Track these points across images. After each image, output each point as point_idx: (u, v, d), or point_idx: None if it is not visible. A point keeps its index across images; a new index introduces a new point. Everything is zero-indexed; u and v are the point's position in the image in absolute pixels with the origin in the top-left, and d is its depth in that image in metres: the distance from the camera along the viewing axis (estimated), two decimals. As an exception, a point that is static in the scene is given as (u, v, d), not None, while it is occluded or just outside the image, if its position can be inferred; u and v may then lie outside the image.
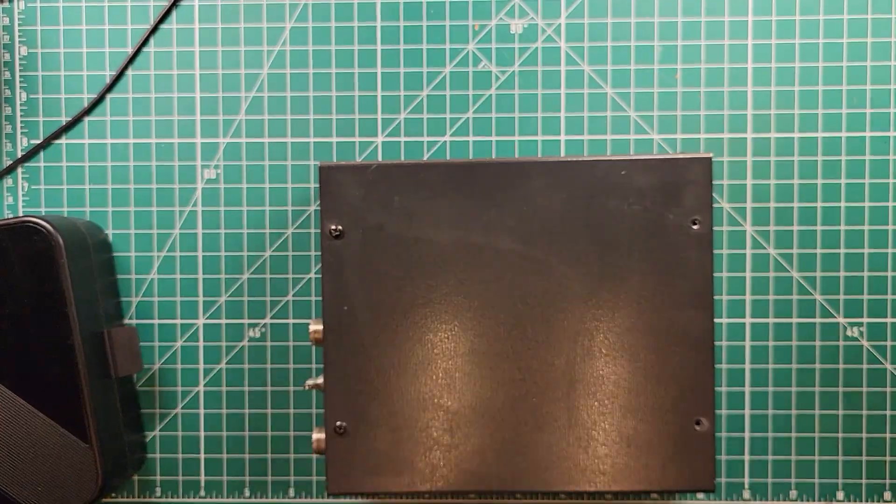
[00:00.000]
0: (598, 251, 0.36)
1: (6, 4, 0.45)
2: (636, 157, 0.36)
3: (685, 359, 0.36)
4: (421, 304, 0.36)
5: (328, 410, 0.37)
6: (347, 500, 0.45)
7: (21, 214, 0.44)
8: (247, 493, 0.45)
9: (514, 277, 0.36)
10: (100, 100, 0.45)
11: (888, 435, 0.43)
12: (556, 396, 0.36)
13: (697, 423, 0.36)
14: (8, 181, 0.45)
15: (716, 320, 0.43)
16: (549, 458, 0.36)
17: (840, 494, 0.44)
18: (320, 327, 0.37)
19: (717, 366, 0.42)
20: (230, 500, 0.45)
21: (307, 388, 0.38)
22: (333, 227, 0.36)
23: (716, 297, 0.43)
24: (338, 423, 0.36)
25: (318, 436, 0.37)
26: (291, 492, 0.45)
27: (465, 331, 0.36)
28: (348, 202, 0.36)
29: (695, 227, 0.36)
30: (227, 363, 0.45)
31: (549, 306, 0.36)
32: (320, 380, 0.37)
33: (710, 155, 0.36)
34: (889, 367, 0.43)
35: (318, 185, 0.44)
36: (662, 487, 0.36)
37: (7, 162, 0.45)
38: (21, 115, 0.45)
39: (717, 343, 0.43)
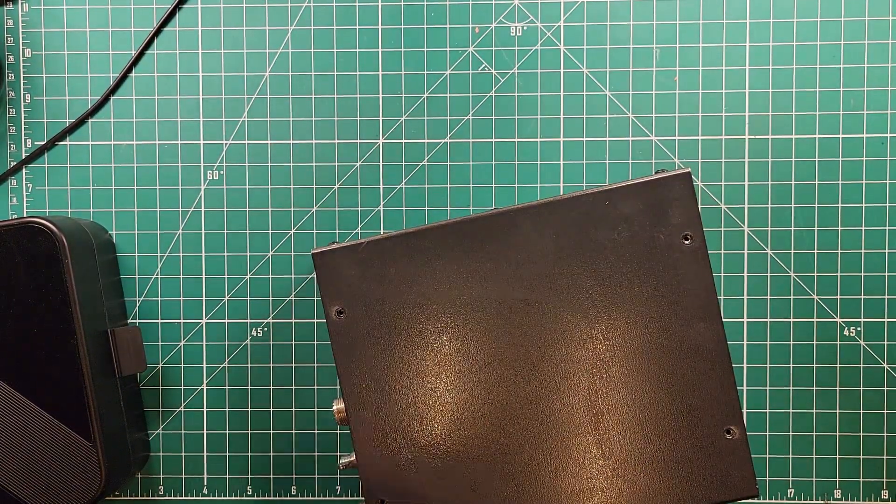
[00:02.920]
0: (597, 284, 0.36)
1: (10, 7, 0.45)
2: (616, 186, 0.36)
3: (703, 371, 0.36)
4: (436, 368, 0.37)
5: (367, 490, 0.36)
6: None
7: (25, 215, 0.44)
8: (249, 490, 0.45)
9: (520, 324, 0.36)
10: (104, 102, 0.45)
11: (885, 434, 0.44)
12: (584, 432, 0.36)
13: (728, 432, 0.36)
14: (12, 182, 0.45)
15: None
16: (588, 492, 0.36)
17: (837, 493, 0.44)
18: (343, 405, 0.37)
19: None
20: (233, 498, 0.45)
21: (342, 468, 0.38)
22: (337, 308, 0.37)
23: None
24: (380, 499, 0.36)
25: (338, 406, 0.37)
26: (294, 490, 0.45)
27: (485, 385, 0.36)
28: (346, 283, 0.37)
29: (687, 242, 0.36)
30: (229, 362, 0.45)
31: (560, 346, 0.36)
32: (353, 457, 0.37)
33: (689, 170, 0.36)
34: (886, 366, 0.44)
35: (319, 187, 0.45)
36: (710, 501, 0.36)
37: (11, 163, 0.45)
38: (25, 117, 0.45)
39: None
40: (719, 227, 0.44)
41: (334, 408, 0.38)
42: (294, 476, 0.45)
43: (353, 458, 0.37)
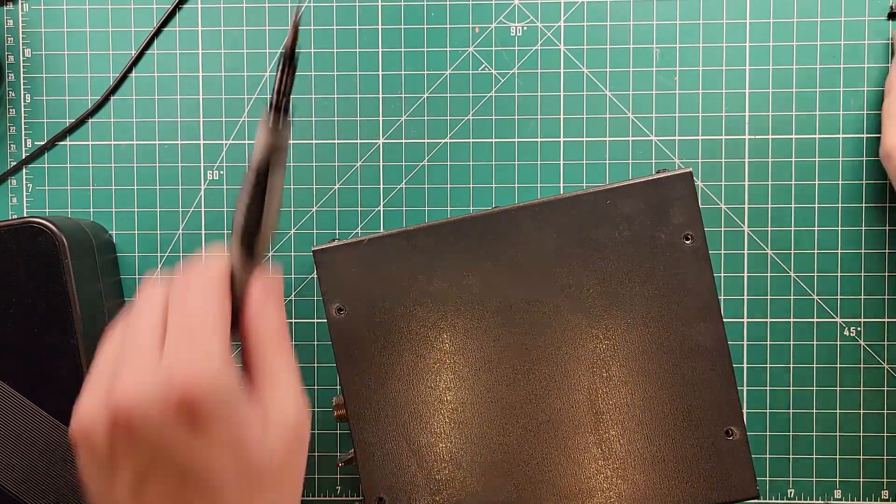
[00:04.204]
0: (598, 283, 0.36)
1: (10, 7, 0.45)
2: (618, 185, 0.36)
3: (703, 371, 0.36)
4: (436, 366, 0.37)
5: (366, 485, 0.36)
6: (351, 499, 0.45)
7: (25, 215, 0.44)
8: (249, 491, 0.45)
9: (520, 322, 0.36)
10: (104, 102, 0.45)
11: (885, 434, 0.44)
12: (584, 432, 0.36)
13: (728, 432, 0.36)
14: (12, 182, 0.45)
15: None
16: (588, 492, 0.36)
17: (837, 493, 0.44)
18: (343, 404, 0.37)
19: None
20: (233, 498, 0.45)
21: (341, 465, 0.38)
22: (337, 306, 0.37)
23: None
24: (378, 496, 0.36)
25: (339, 404, 0.37)
26: (293, 490, 0.45)
27: (485, 384, 0.36)
28: (347, 280, 0.36)
29: (688, 242, 0.36)
30: (229, 363, 0.45)
31: (560, 344, 0.36)
32: (352, 455, 0.37)
33: (690, 170, 0.36)
34: (886, 366, 0.44)
35: (319, 187, 0.45)
36: (709, 502, 0.36)
37: (11, 163, 0.45)
38: (25, 117, 0.45)
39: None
40: (719, 227, 0.44)
41: (334, 405, 0.38)
42: (294, 476, 0.45)
43: (353, 455, 0.37)
